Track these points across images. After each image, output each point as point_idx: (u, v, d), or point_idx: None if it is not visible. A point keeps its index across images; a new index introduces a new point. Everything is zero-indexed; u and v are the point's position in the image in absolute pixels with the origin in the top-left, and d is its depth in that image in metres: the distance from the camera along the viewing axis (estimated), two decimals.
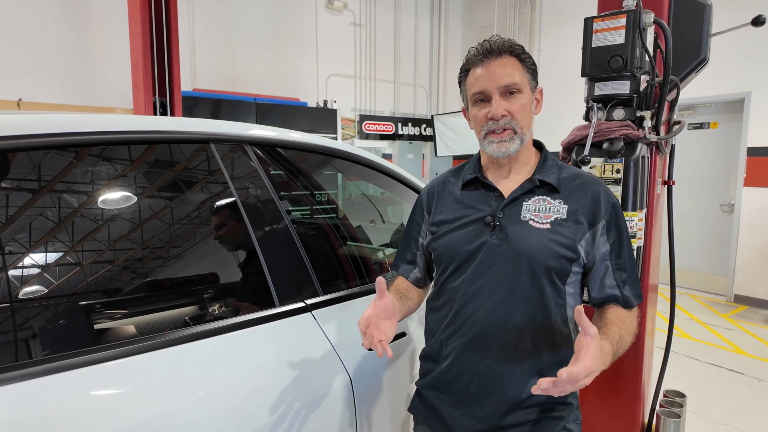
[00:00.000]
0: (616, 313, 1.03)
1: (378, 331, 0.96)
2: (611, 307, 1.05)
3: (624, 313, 1.04)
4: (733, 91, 4.84)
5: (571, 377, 0.77)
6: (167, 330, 1.02)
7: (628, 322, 1.02)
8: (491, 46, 1.04)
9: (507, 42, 1.05)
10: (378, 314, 0.99)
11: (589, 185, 1.08)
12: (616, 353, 0.94)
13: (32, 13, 4.64)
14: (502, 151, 1.05)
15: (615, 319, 1.01)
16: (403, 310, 1.14)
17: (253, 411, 1.01)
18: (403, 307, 1.14)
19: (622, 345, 0.96)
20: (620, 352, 0.96)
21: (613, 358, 0.92)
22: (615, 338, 0.94)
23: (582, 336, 0.82)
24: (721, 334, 4.07)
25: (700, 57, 1.55)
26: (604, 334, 0.94)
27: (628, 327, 1.01)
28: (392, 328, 1.00)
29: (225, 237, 1.23)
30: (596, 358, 0.80)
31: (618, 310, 1.05)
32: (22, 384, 0.79)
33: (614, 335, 0.95)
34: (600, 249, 1.05)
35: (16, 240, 0.92)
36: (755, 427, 2.64)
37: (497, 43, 1.05)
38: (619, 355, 0.96)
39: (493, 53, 1.04)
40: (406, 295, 1.19)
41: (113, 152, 1.09)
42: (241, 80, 6.04)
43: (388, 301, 1.01)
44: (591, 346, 0.80)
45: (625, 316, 1.04)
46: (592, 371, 0.79)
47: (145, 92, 4.02)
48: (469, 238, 1.07)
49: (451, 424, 1.08)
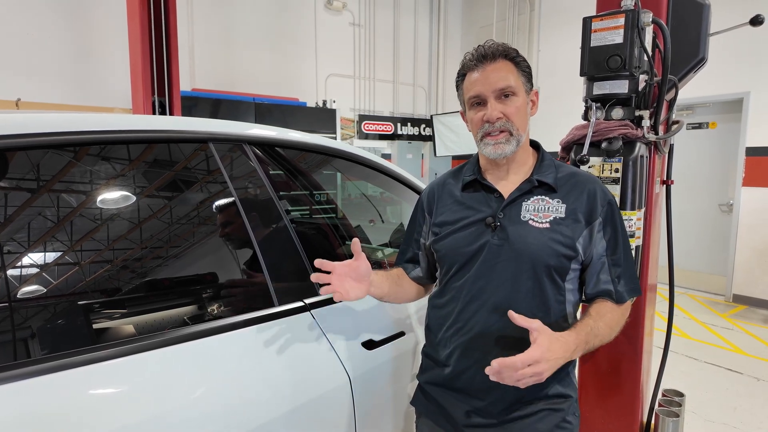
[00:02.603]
0: (598, 307, 1.07)
1: (339, 284, 1.03)
2: (596, 302, 1.09)
3: (607, 307, 1.07)
4: (732, 91, 4.84)
5: (503, 365, 0.85)
6: (166, 329, 1.02)
7: (609, 316, 1.05)
8: (486, 51, 1.07)
9: (501, 46, 1.08)
10: (346, 271, 1.05)
11: (585, 183, 1.10)
12: (589, 344, 0.99)
13: (31, 12, 4.64)
14: (499, 153, 1.08)
15: (594, 313, 1.05)
16: (386, 289, 1.18)
17: (252, 410, 1.01)
18: (389, 286, 1.19)
19: (596, 336, 1.00)
20: (595, 344, 1.01)
21: (586, 348, 0.98)
22: (585, 330, 0.99)
23: (530, 332, 0.90)
24: (720, 333, 4.07)
25: (699, 56, 1.55)
26: (573, 327, 0.99)
27: (607, 321, 1.04)
28: (356, 291, 1.07)
29: (224, 236, 1.23)
30: (544, 347, 0.87)
31: (602, 304, 1.07)
32: (20, 383, 0.79)
33: (585, 327, 0.99)
34: (596, 246, 1.08)
35: (14, 239, 0.92)
36: (754, 426, 2.64)
37: (492, 47, 1.08)
38: (594, 346, 1.01)
39: (487, 58, 1.07)
40: (397, 282, 1.23)
41: (112, 152, 1.09)
42: (240, 80, 6.04)
43: (362, 265, 1.07)
44: (538, 338, 0.88)
45: (607, 310, 1.06)
46: (540, 360, 0.86)
47: (144, 92, 4.01)
48: (471, 239, 1.10)
49: (454, 417, 1.11)
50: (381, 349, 1.32)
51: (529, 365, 0.86)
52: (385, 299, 1.21)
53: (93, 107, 5.00)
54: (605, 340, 1.03)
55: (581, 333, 0.97)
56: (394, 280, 1.22)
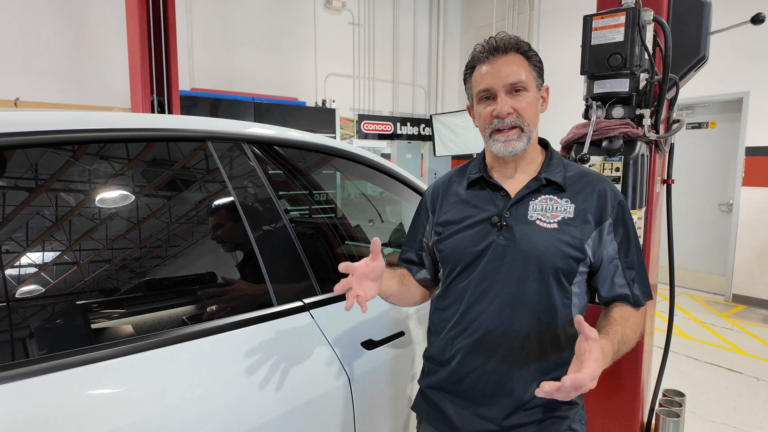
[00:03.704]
0: (621, 311, 1.03)
1: (359, 286, 0.97)
2: (617, 306, 1.05)
3: (629, 312, 1.03)
4: (732, 90, 4.84)
5: (575, 384, 0.77)
6: (164, 329, 1.01)
7: (632, 321, 1.02)
8: (497, 43, 1.03)
9: (513, 39, 1.04)
10: (366, 272, 0.99)
11: (595, 183, 1.06)
12: (618, 352, 0.94)
13: (30, 12, 4.63)
14: (509, 150, 1.04)
15: (619, 318, 1.00)
16: (393, 289, 1.12)
17: (251, 411, 1.00)
18: (396, 285, 1.13)
19: (624, 344, 0.96)
20: (623, 351, 0.96)
21: (614, 357, 0.92)
22: (617, 337, 0.94)
23: (583, 340, 0.81)
24: (720, 333, 4.07)
25: (700, 55, 1.55)
26: (606, 334, 0.94)
27: (632, 326, 1.00)
28: (372, 291, 1.01)
29: (222, 236, 1.22)
30: (599, 361, 0.80)
31: (624, 308, 1.04)
32: (18, 383, 0.78)
33: (616, 334, 0.95)
34: (607, 248, 1.04)
35: (12, 238, 0.91)
36: (754, 426, 2.64)
37: (503, 40, 1.04)
38: (622, 353, 0.96)
39: (499, 50, 1.03)
40: (403, 281, 1.18)
41: (110, 150, 1.08)
42: (239, 80, 6.03)
43: (380, 264, 1.01)
44: (594, 350, 0.80)
45: (630, 314, 1.03)
46: (597, 375, 0.80)
47: (143, 91, 4.01)
48: (476, 239, 1.06)
49: (456, 423, 1.07)
50: (380, 349, 1.32)
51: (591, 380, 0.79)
52: (390, 300, 1.16)
53: (92, 107, 4.99)
54: (631, 346, 0.99)
55: (614, 341, 0.92)
56: (401, 280, 1.17)
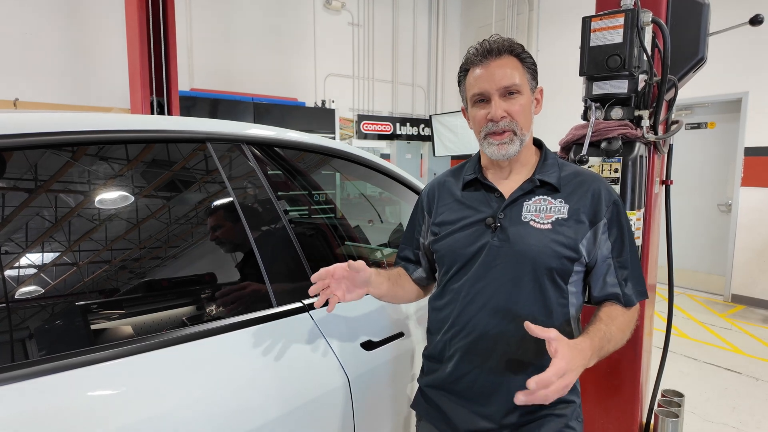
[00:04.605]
0: (609, 311, 1.04)
1: (337, 286, 1.03)
2: (606, 305, 1.06)
3: (618, 311, 1.04)
4: (731, 91, 4.85)
5: (541, 383, 0.78)
6: (164, 330, 1.01)
7: (620, 320, 1.02)
8: (491, 46, 1.03)
9: (507, 41, 1.04)
10: (345, 275, 1.05)
11: (589, 183, 1.07)
12: (602, 350, 0.94)
13: (29, 12, 4.63)
14: (502, 154, 1.05)
15: (605, 317, 1.02)
16: (384, 289, 1.16)
17: (251, 412, 1.00)
18: (387, 286, 1.17)
19: (609, 342, 0.96)
20: (608, 349, 0.97)
21: (600, 354, 0.94)
22: (599, 335, 0.95)
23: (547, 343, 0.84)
24: (719, 333, 4.08)
25: (698, 56, 1.55)
26: (586, 333, 0.96)
27: (619, 324, 1.01)
28: (353, 296, 1.07)
29: (222, 237, 1.22)
30: (567, 357, 0.82)
31: (611, 307, 1.05)
32: (18, 384, 0.78)
33: (598, 332, 0.96)
34: (601, 247, 1.05)
35: (13, 240, 0.91)
36: (752, 426, 2.64)
37: (497, 42, 1.04)
38: (608, 351, 0.97)
39: (492, 53, 1.03)
40: (397, 281, 1.21)
41: (110, 151, 1.08)
42: (238, 80, 6.03)
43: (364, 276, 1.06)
44: (558, 348, 0.82)
45: (618, 313, 1.04)
46: (567, 370, 0.81)
47: (142, 92, 4.00)
48: (471, 240, 1.07)
49: (455, 421, 1.08)
50: (380, 350, 1.32)
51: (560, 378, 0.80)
52: (383, 299, 1.19)
53: (91, 107, 4.99)
54: (618, 344, 1.00)
55: (595, 339, 0.93)
56: (394, 280, 1.20)
